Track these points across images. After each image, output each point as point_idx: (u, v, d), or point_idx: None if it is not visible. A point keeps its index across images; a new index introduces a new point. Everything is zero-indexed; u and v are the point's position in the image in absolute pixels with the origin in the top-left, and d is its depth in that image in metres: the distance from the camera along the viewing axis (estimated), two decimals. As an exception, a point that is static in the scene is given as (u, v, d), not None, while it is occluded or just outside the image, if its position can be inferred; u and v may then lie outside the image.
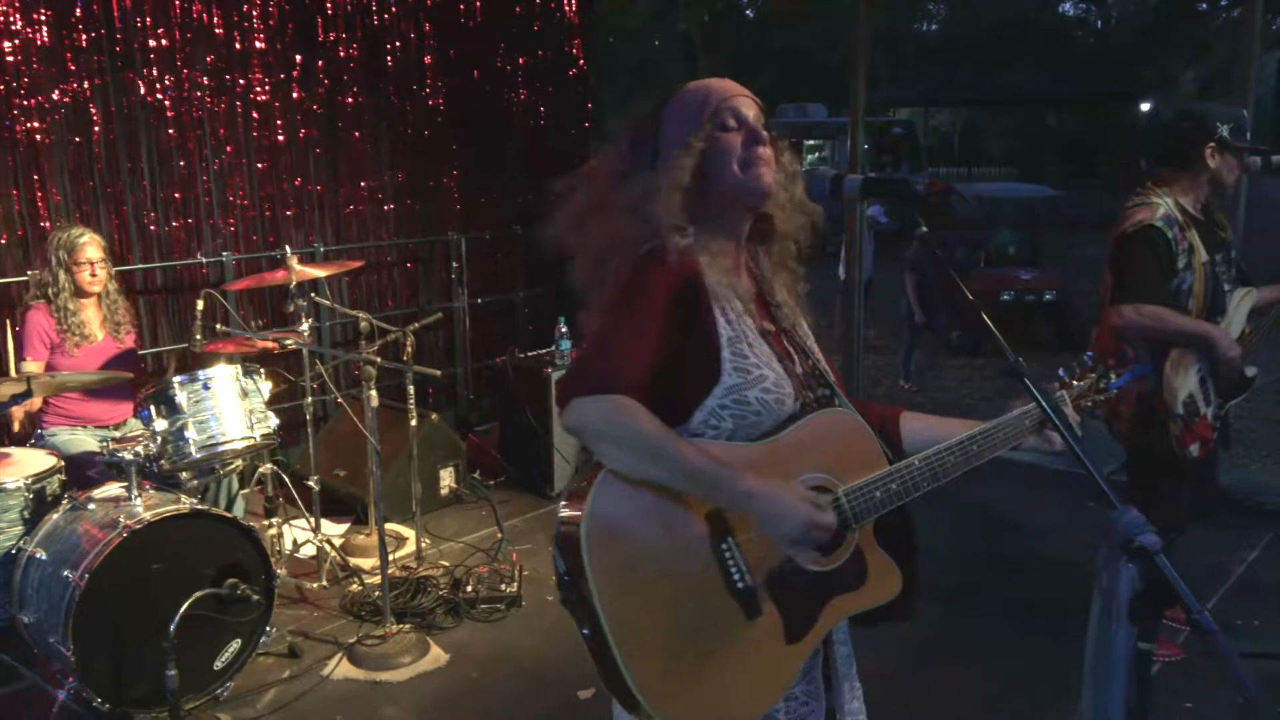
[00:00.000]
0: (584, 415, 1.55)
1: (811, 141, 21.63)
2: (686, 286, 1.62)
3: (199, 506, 3.42)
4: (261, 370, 4.01)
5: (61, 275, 3.96)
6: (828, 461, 1.67)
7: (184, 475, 3.85)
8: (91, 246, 4.01)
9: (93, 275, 4.01)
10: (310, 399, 4.48)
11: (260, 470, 4.37)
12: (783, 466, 1.63)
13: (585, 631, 1.56)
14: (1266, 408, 7.32)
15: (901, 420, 1.86)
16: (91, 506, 3.34)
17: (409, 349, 4.36)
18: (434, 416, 5.27)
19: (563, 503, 1.63)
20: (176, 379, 3.71)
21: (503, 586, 4.18)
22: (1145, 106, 31.62)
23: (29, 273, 4.37)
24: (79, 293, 4.01)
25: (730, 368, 1.62)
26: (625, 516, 1.56)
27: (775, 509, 1.54)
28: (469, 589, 4.15)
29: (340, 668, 3.65)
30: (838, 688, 1.80)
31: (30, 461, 3.56)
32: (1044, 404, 1.54)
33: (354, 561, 4.40)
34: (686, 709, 1.57)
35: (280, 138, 5.65)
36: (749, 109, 1.70)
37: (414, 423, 4.55)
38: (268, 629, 3.56)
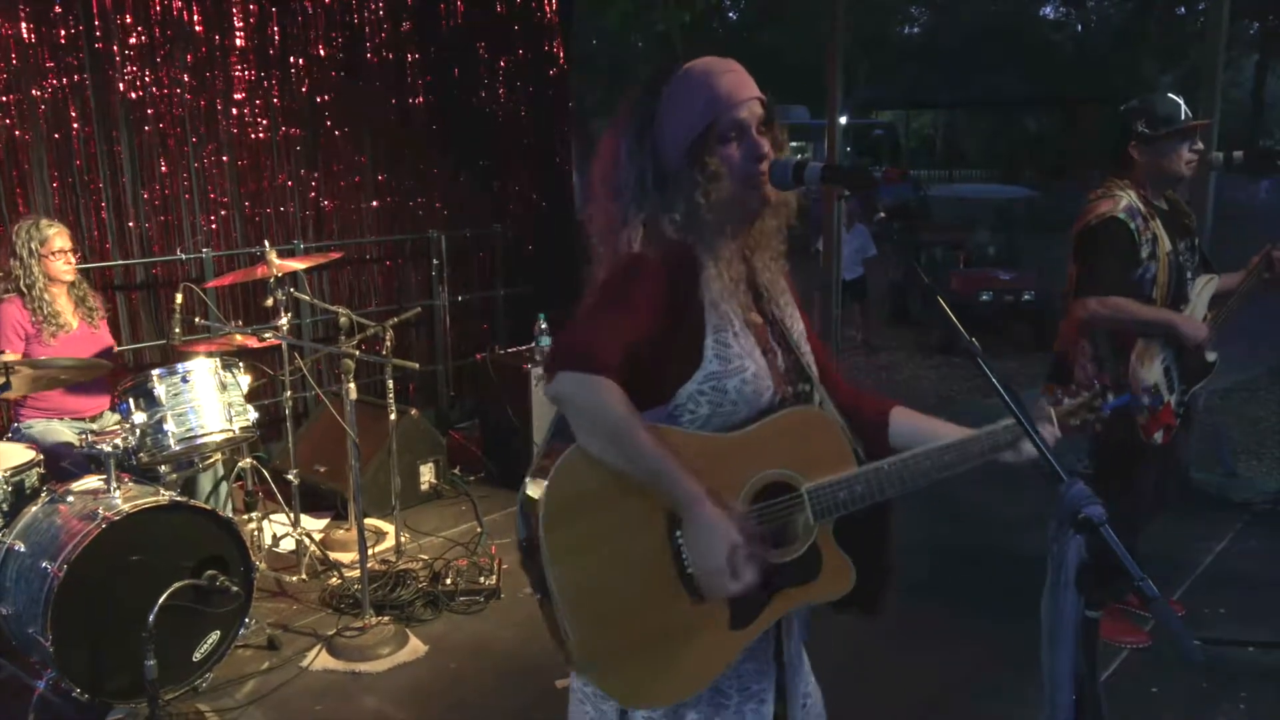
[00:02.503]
0: (566, 389, 1.57)
1: (794, 143, 21.75)
2: (679, 272, 1.64)
3: (178, 498, 3.44)
4: (240, 364, 4.03)
5: (35, 266, 4.00)
6: (794, 459, 1.69)
7: (163, 469, 3.87)
8: (63, 237, 4.08)
9: (67, 263, 4.07)
10: (289, 394, 4.51)
11: (240, 465, 4.39)
12: (751, 459, 1.67)
13: (538, 596, 1.62)
14: (1239, 406, 7.43)
15: (892, 415, 1.87)
16: (70, 499, 3.36)
17: (388, 343, 4.39)
18: (414, 412, 5.30)
19: (530, 472, 1.66)
20: (155, 372, 3.74)
21: (481, 579, 4.21)
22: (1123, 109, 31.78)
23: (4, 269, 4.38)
24: (52, 282, 4.05)
25: (712, 354, 1.65)
26: (586, 494, 1.60)
27: (705, 543, 1.55)
28: (448, 582, 4.19)
29: (319, 659, 3.67)
30: (791, 671, 1.85)
31: (9, 454, 3.56)
32: (999, 386, 1.58)
33: (333, 556, 4.43)
34: (624, 680, 1.63)
35: (260, 135, 5.67)
36: (751, 113, 1.68)
37: (393, 417, 4.58)
38: (247, 621, 3.58)
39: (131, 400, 3.69)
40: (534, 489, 1.62)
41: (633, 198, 1.68)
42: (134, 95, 5.16)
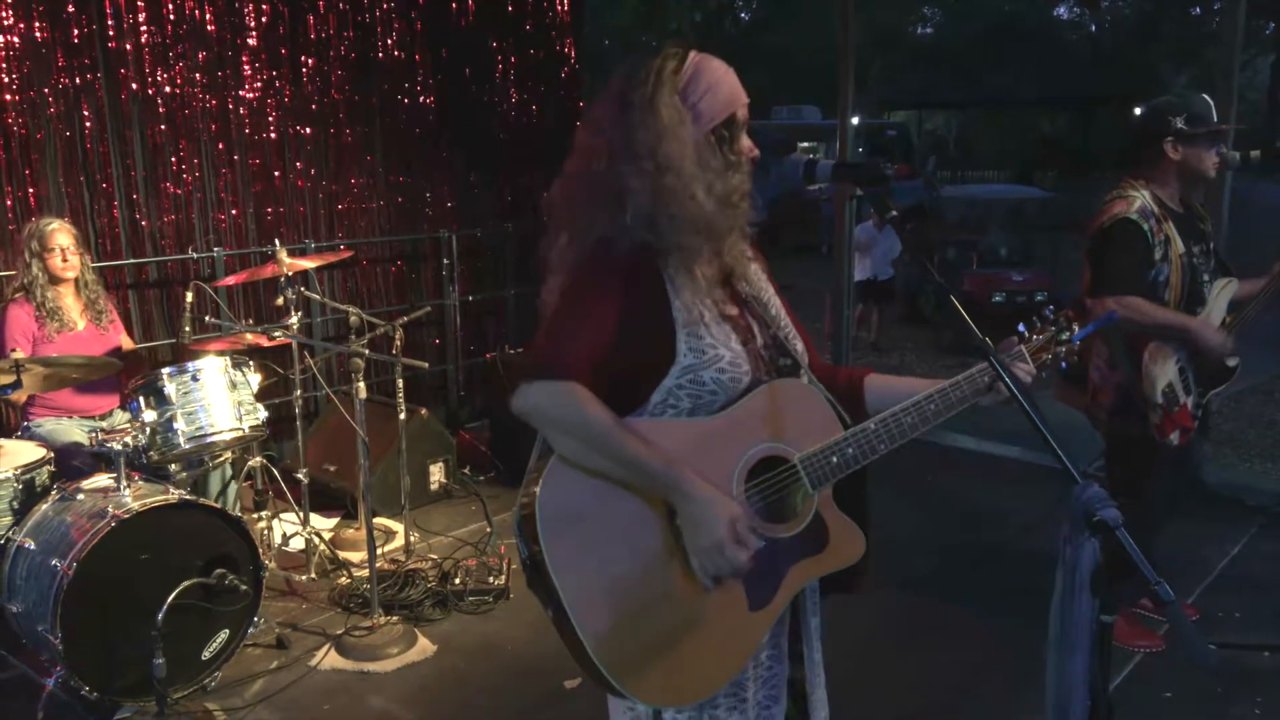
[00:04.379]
0: (533, 400, 1.60)
1: (806, 143, 21.68)
2: (641, 272, 1.65)
3: (187, 497, 3.44)
4: (250, 362, 4.03)
5: (35, 265, 4.02)
6: (783, 430, 1.70)
7: (173, 467, 3.87)
8: (61, 234, 4.06)
9: (64, 261, 4.05)
10: (300, 393, 4.51)
11: (250, 464, 4.39)
12: (737, 438, 1.67)
13: (549, 613, 1.60)
14: (1256, 409, 7.36)
15: (866, 381, 1.88)
16: (80, 497, 3.35)
17: (398, 343, 4.38)
18: (423, 412, 5.29)
19: (523, 486, 1.67)
20: (165, 370, 3.74)
21: (490, 579, 4.20)
22: (1138, 110, 31.68)
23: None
24: (53, 280, 4.05)
25: (685, 349, 1.65)
26: (579, 499, 1.60)
27: (700, 519, 1.57)
28: (457, 581, 4.18)
29: (328, 658, 3.67)
30: (808, 659, 1.84)
31: (19, 452, 3.57)
32: (1008, 381, 1.57)
33: (343, 555, 4.43)
34: (654, 682, 1.61)
35: (272, 135, 5.67)
36: (747, 116, 1.72)
37: (403, 417, 4.57)
38: (256, 620, 3.57)
39: (142, 398, 3.69)
40: (528, 498, 1.62)
41: (627, 172, 1.63)
42: (146, 94, 5.16)
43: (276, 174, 5.72)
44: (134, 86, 5.11)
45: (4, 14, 4.67)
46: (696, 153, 1.64)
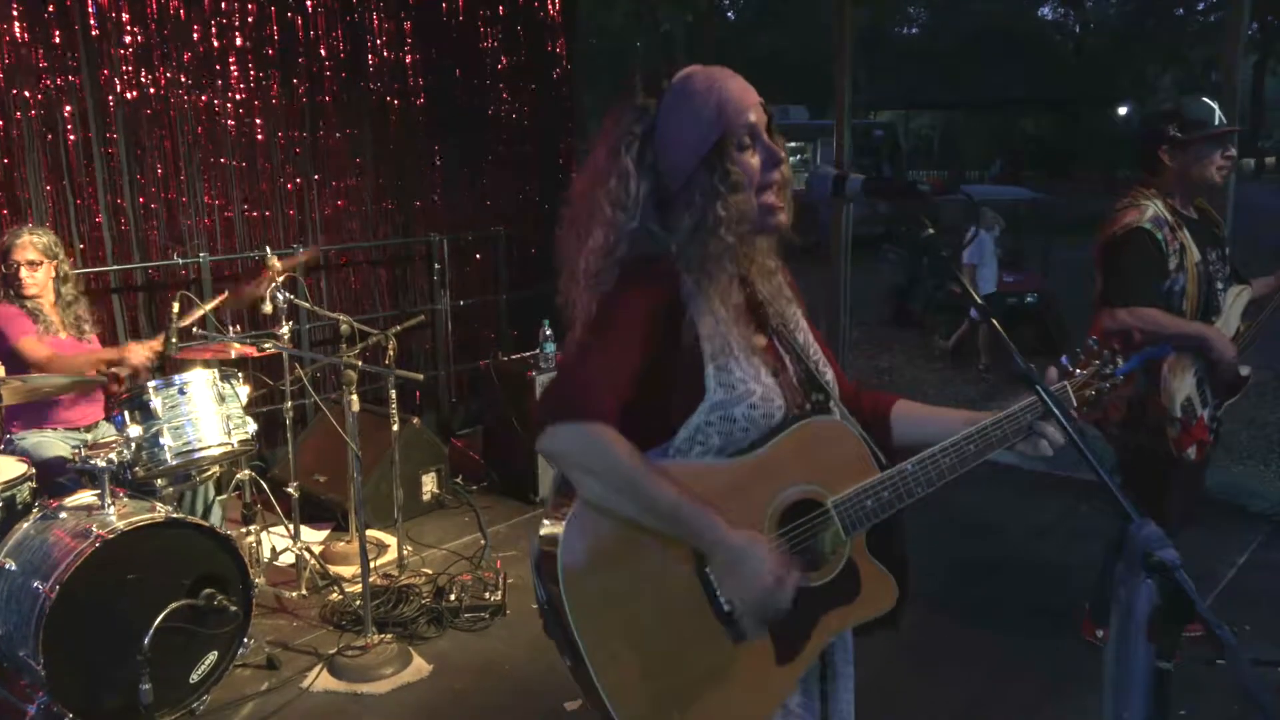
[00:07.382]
0: (559, 443, 1.49)
1: (793, 144, 21.64)
2: (669, 303, 1.56)
3: (174, 515, 3.33)
4: (239, 374, 3.92)
5: (2, 278, 3.89)
6: (816, 472, 1.61)
7: (159, 483, 3.75)
8: (27, 249, 3.87)
9: (30, 276, 3.87)
10: (289, 404, 4.39)
11: (238, 476, 4.28)
12: (768, 481, 1.58)
13: (568, 663, 1.53)
14: (1249, 410, 7.33)
15: (893, 410, 1.79)
16: (63, 515, 3.24)
17: (390, 352, 4.28)
18: (415, 421, 5.19)
19: (542, 523, 1.58)
20: (152, 384, 3.62)
21: (486, 595, 4.10)
22: (1122, 110, 31.92)
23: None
24: (19, 295, 3.89)
25: (715, 384, 1.56)
26: (602, 546, 1.51)
27: (739, 567, 1.48)
28: (452, 597, 4.08)
29: (320, 679, 3.56)
30: (835, 698, 1.76)
31: (0, 468, 3.46)
32: (1057, 410, 1.49)
33: (334, 569, 4.32)
34: None
35: (259, 137, 5.56)
36: (759, 117, 1.59)
37: (395, 427, 4.47)
38: (245, 640, 3.47)
39: (127, 413, 3.58)
40: (549, 540, 1.52)
41: (633, 217, 1.58)
42: (130, 96, 5.04)
43: (264, 177, 5.61)
44: (118, 88, 4.98)
45: (-17, 14, 4.55)
46: (696, 181, 1.56)
